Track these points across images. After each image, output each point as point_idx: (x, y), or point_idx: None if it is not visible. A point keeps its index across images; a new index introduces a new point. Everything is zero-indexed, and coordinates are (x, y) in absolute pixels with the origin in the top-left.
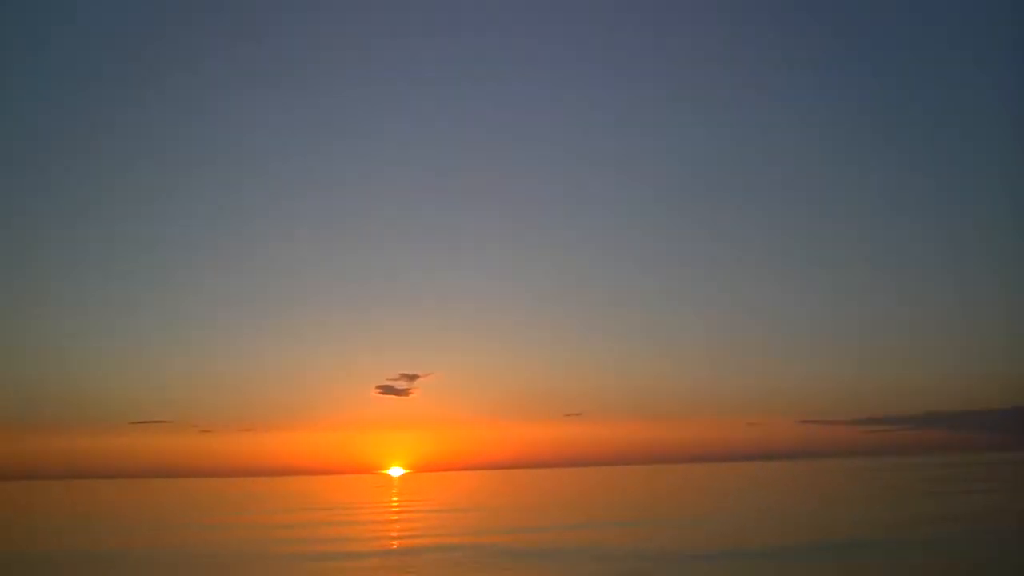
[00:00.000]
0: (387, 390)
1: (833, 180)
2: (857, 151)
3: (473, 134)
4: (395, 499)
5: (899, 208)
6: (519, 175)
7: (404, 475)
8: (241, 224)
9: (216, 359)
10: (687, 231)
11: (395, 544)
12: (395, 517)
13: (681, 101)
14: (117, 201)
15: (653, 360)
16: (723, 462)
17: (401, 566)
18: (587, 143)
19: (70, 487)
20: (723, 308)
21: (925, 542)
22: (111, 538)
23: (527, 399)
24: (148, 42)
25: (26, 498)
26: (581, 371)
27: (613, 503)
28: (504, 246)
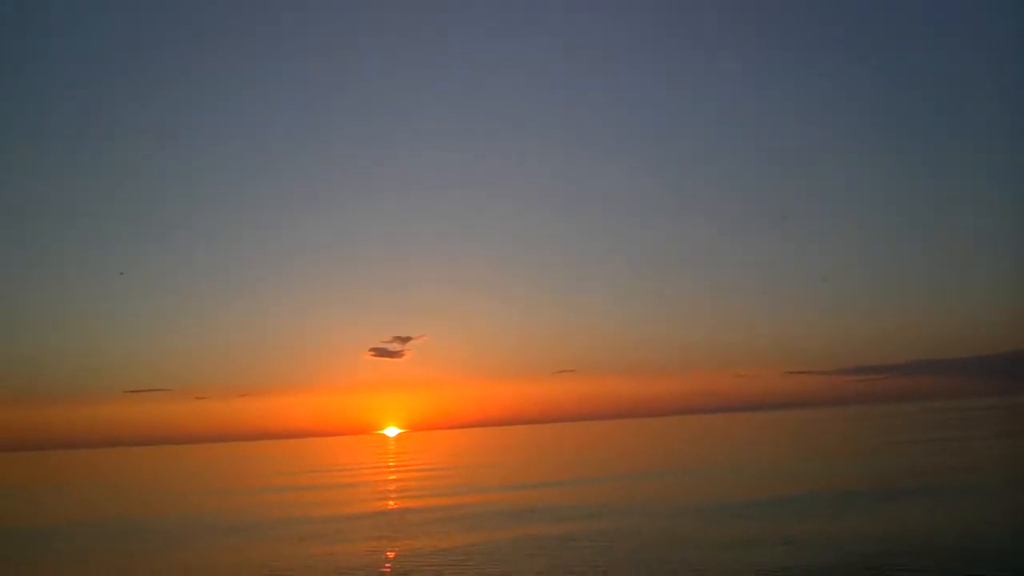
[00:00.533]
0: (380, 352)
1: (819, 136)
2: (846, 104)
3: (456, 100)
4: (391, 460)
5: (886, 162)
6: (507, 139)
7: (400, 434)
8: (236, 196)
9: (211, 327)
10: (674, 189)
11: (393, 504)
12: (393, 476)
13: (670, 58)
14: (114, 173)
15: (642, 316)
16: (712, 413)
17: (401, 526)
18: (574, 102)
19: (66, 457)
20: (710, 263)
21: (911, 491)
22: (110, 507)
23: (518, 358)
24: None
25: (25, 470)
26: (570, 329)
27: (604, 459)
28: (492, 210)
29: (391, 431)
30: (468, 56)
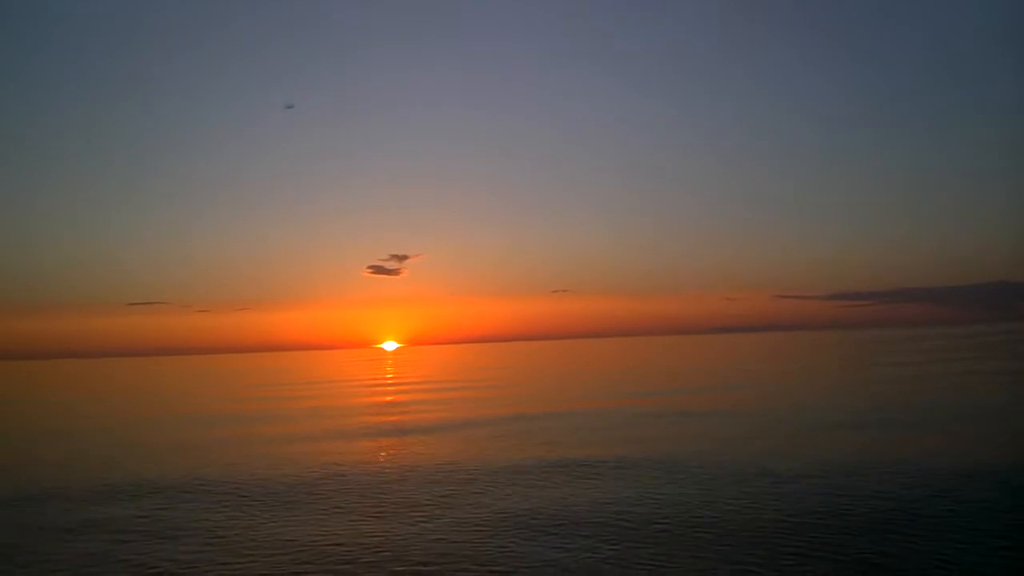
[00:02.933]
0: (378, 270)
1: (812, 62)
2: (844, 37)
3: (458, 21)
4: (389, 373)
5: (878, 92)
6: (507, 59)
7: (397, 349)
8: (239, 112)
9: (212, 243)
10: (670, 112)
11: (391, 418)
12: (390, 398)
13: None
14: (119, 88)
15: (636, 238)
16: (703, 334)
17: (401, 446)
18: (574, 22)
19: (67, 366)
20: (703, 187)
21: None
22: (105, 415)
23: (514, 277)
24: None
25: (26, 377)
26: (566, 250)
27: (597, 379)
28: (491, 129)
29: (389, 345)
30: None
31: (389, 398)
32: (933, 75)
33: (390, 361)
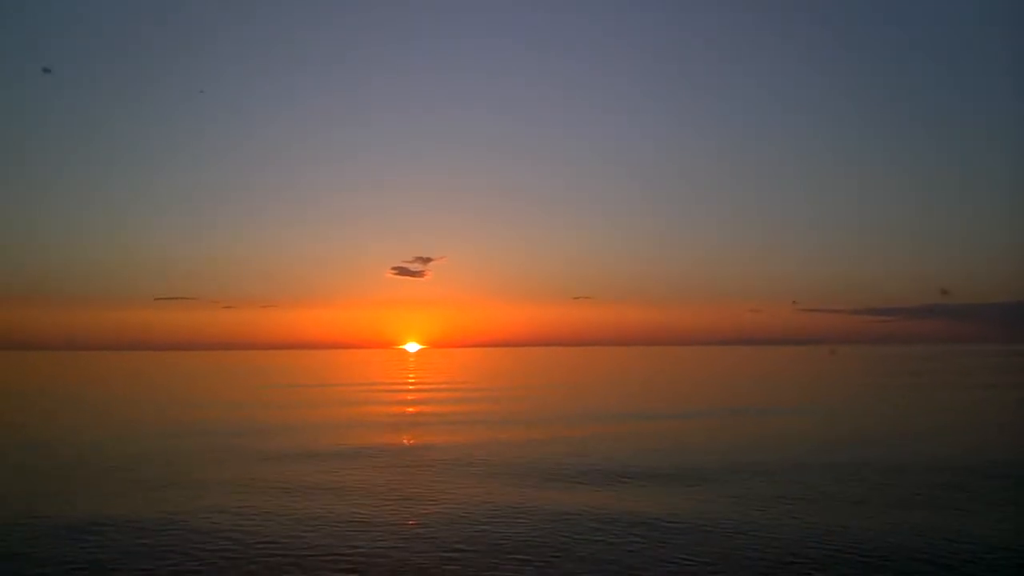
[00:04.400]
0: (402, 271)
1: (834, 72)
2: (861, 43)
3: (479, 27)
4: (411, 376)
5: (901, 101)
6: (527, 62)
7: (420, 350)
8: (263, 109)
9: (238, 239)
10: (695, 119)
11: (410, 441)
12: (412, 397)
13: None
14: (145, 85)
15: (660, 246)
16: (726, 346)
17: (419, 463)
18: (592, 30)
19: (96, 358)
20: (728, 197)
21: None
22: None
23: (537, 282)
24: None
25: (56, 368)
26: (589, 255)
27: (624, 389)
28: (515, 135)
29: (411, 347)
30: None
31: (410, 408)
32: (935, 75)
33: (411, 365)
